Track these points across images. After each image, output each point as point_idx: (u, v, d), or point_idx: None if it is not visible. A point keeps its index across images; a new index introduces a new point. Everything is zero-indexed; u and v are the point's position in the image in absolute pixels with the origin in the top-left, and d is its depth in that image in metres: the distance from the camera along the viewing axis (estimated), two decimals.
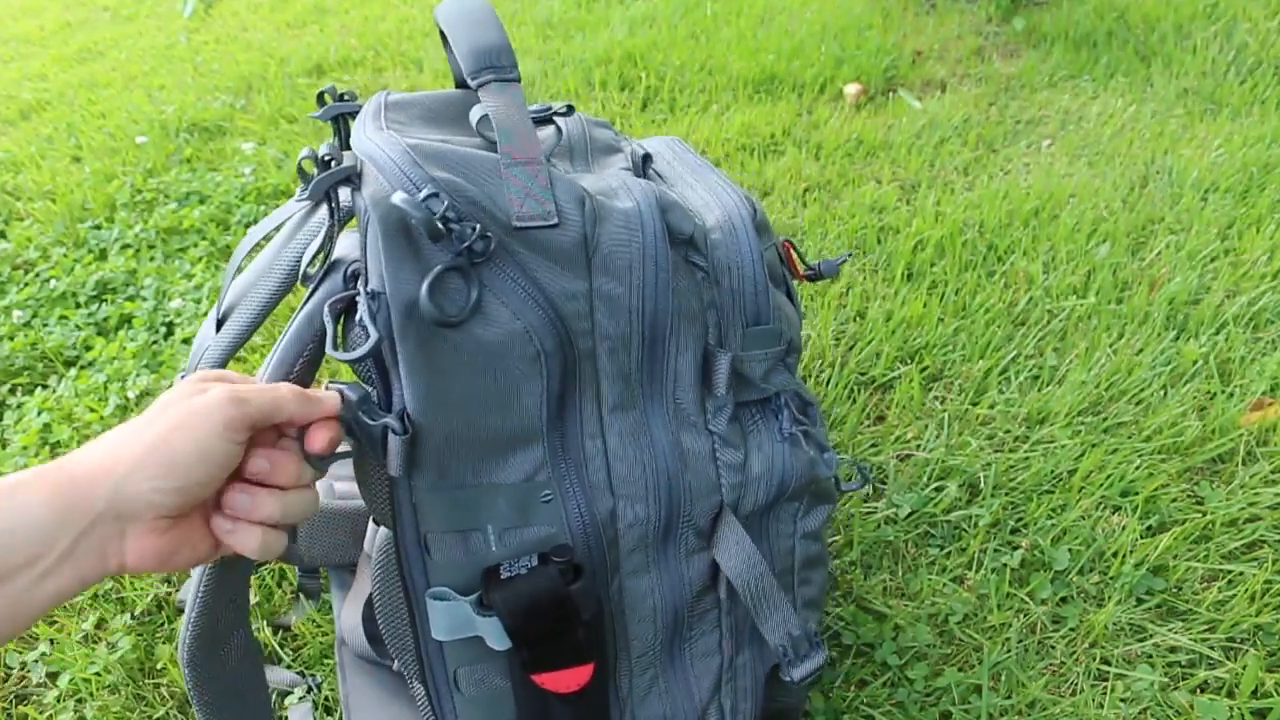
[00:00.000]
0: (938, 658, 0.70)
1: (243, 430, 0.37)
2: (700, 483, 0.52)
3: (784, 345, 0.54)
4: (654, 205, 0.48)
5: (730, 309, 0.51)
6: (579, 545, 0.49)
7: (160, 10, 2.84)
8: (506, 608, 0.46)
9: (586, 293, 0.46)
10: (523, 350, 0.45)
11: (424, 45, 2.11)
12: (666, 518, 0.52)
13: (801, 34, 1.85)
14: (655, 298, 0.48)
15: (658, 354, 0.50)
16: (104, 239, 1.41)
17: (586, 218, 0.46)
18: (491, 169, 0.45)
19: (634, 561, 0.52)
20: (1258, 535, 0.76)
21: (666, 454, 0.51)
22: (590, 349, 0.47)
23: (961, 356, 0.98)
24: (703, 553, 0.55)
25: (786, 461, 0.55)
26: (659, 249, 0.47)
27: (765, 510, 0.57)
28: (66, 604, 0.81)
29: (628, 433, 0.50)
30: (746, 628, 0.59)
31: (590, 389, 0.48)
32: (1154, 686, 0.66)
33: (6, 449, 1.01)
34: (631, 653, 0.55)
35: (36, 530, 0.34)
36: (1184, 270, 1.07)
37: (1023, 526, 0.79)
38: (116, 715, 0.71)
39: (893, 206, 1.25)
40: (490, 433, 0.46)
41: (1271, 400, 0.88)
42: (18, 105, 2.08)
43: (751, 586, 0.53)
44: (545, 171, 0.45)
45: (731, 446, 0.53)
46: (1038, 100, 1.55)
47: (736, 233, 0.51)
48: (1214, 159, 1.29)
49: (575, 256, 0.46)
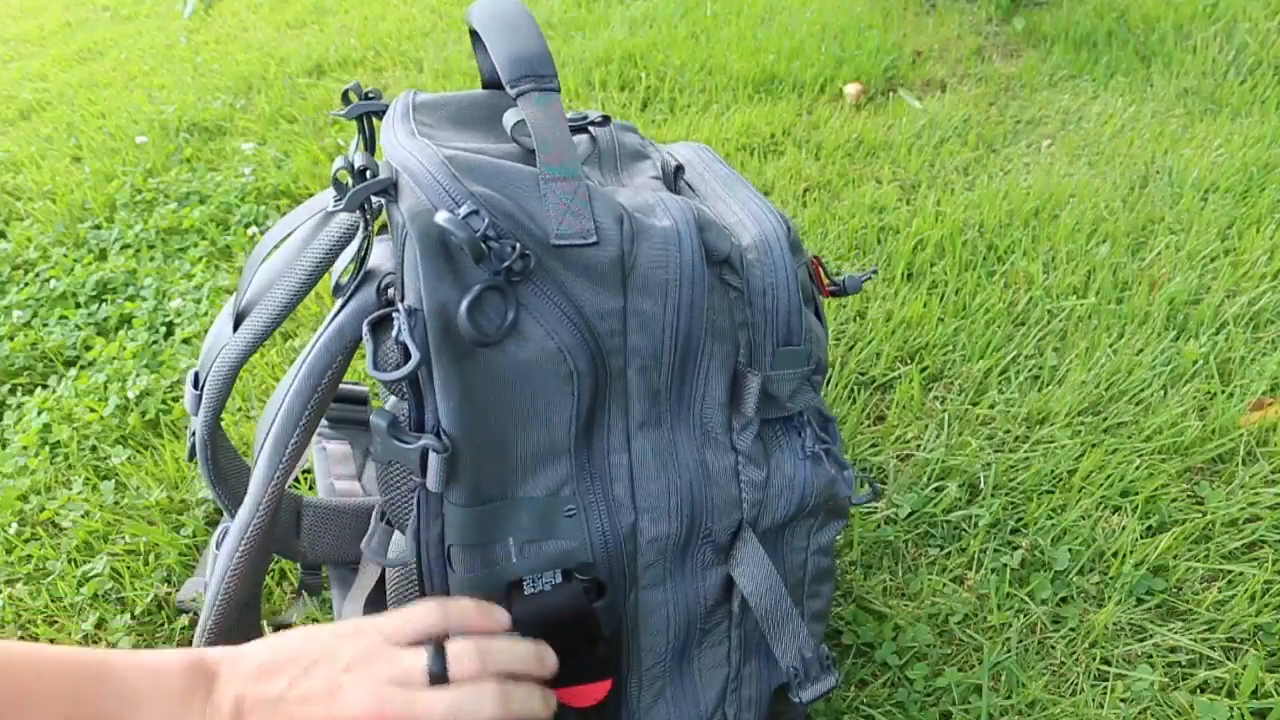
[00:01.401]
0: (938, 658, 0.70)
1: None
2: (722, 500, 0.52)
3: (812, 365, 0.53)
4: (692, 224, 0.47)
5: (763, 330, 0.50)
6: (600, 560, 0.48)
7: (160, 10, 2.84)
8: (531, 623, 0.46)
9: (621, 311, 0.46)
10: (555, 369, 0.44)
11: (424, 45, 2.11)
12: (687, 534, 0.52)
13: (801, 34, 1.85)
14: (690, 317, 0.47)
15: (688, 372, 0.49)
16: (104, 239, 1.41)
17: (625, 236, 0.45)
18: (530, 184, 0.44)
19: (651, 575, 0.52)
20: (1258, 535, 0.76)
21: (691, 472, 0.50)
22: (621, 367, 0.47)
23: (961, 356, 0.98)
24: (719, 567, 0.54)
25: (808, 479, 0.54)
26: (696, 269, 0.47)
27: (782, 526, 0.56)
28: (66, 604, 0.81)
29: (653, 450, 0.49)
30: (755, 640, 0.59)
31: (619, 405, 0.48)
32: (1154, 687, 0.66)
33: (6, 449, 1.01)
34: (643, 664, 0.55)
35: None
36: (1184, 270, 1.07)
37: (1023, 526, 0.79)
38: None
39: (893, 206, 1.25)
40: (520, 449, 0.46)
41: (1272, 400, 0.88)
42: (18, 105, 2.09)
43: (768, 606, 0.53)
44: (585, 187, 0.45)
45: (755, 464, 0.53)
46: (1038, 100, 1.55)
47: (773, 253, 0.50)
48: (1214, 159, 1.29)
49: (612, 275, 0.45)
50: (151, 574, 0.82)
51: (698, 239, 0.47)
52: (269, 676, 0.40)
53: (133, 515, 0.89)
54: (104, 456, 0.98)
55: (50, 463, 0.97)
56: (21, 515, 0.91)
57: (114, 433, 1.01)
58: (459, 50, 2.02)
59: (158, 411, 1.02)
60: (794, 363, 0.52)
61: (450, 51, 2.03)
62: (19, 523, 0.90)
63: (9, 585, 0.83)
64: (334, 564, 0.77)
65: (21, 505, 0.92)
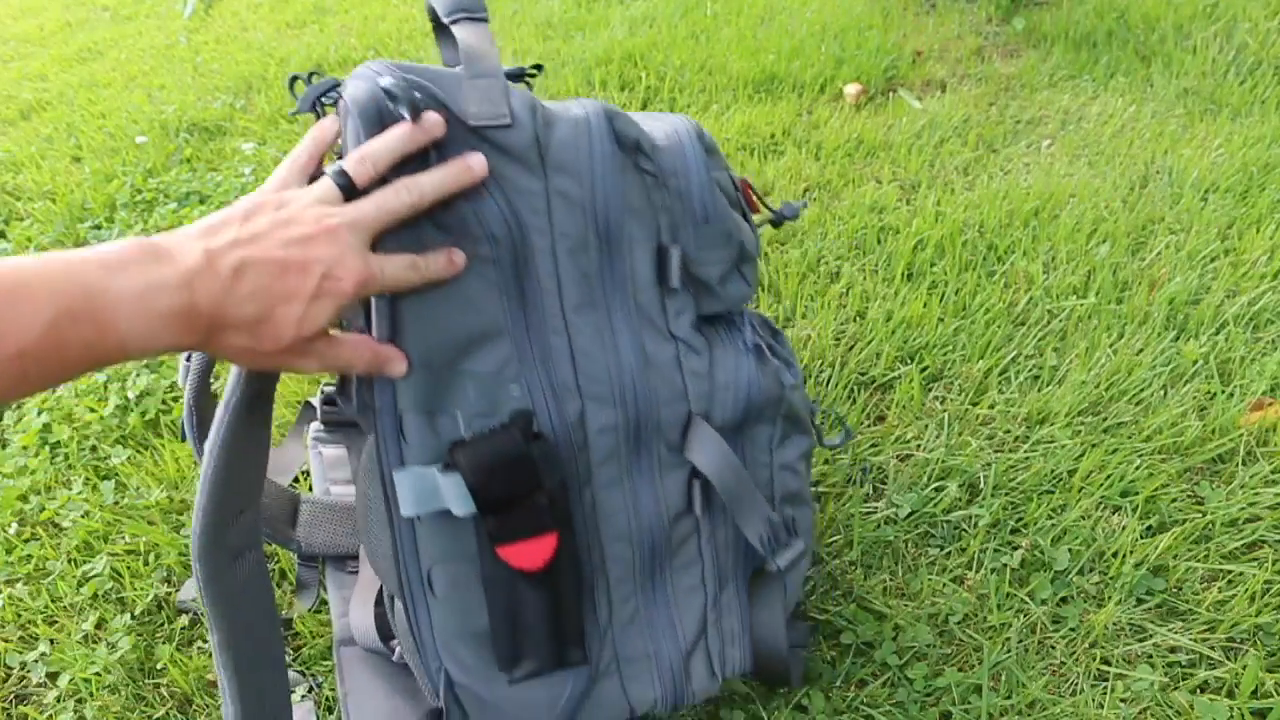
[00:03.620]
0: (938, 658, 0.70)
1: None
2: (666, 388, 0.55)
3: (736, 248, 0.56)
4: (600, 113, 0.53)
5: (680, 209, 0.55)
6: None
7: (160, 10, 2.84)
8: (468, 464, 0.48)
9: (544, 191, 0.51)
10: (472, 234, 0.49)
11: (424, 45, 2.11)
12: (635, 423, 0.54)
13: (801, 34, 1.85)
14: (606, 194, 0.52)
15: (615, 255, 0.53)
16: (104, 239, 1.41)
17: (538, 121, 0.51)
18: (456, 81, 0.50)
19: (607, 473, 0.54)
20: (1258, 535, 0.76)
21: (632, 355, 0.54)
22: (549, 247, 0.51)
23: (961, 356, 0.98)
24: (678, 470, 0.57)
25: (751, 374, 0.57)
26: (606, 147, 0.52)
27: (737, 429, 0.59)
28: (66, 604, 0.81)
29: (592, 330, 0.53)
30: (729, 561, 0.61)
31: (552, 286, 0.52)
32: (1154, 686, 0.66)
33: (6, 449, 1.01)
34: (610, 575, 0.56)
35: None
36: (1184, 270, 1.07)
37: (1023, 526, 0.79)
38: (116, 715, 0.71)
39: (893, 206, 1.25)
40: (458, 328, 0.49)
41: (1272, 400, 0.88)
42: (18, 105, 2.09)
43: (728, 480, 0.56)
44: (502, 83, 0.51)
45: (695, 352, 0.56)
46: (1038, 100, 1.55)
47: (681, 141, 0.56)
48: (1214, 159, 1.29)
49: (529, 155, 0.51)
50: (151, 574, 0.82)
51: (606, 124, 0.52)
52: (217, 231, 0.42)
53: (133, 515, 0.89)
54: (104, 456, 0.98)
55: (50, 463, 0.97)
56: (21, 515, 0.91)
57: (114, 433, 1.01)
58: None
59: (158, 411, 1.02)
60: (716, 241, 0.56)
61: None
62: (19, 523, 0.90)
63: (9, 585, 0.83)
64: (330, 558, 0.77)
65: (21, 505, 0.92)
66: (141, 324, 0.38)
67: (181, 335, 0.40)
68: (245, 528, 0.53)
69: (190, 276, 0.39)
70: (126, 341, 0.38)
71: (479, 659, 0.53)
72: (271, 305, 0.42)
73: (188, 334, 0.40)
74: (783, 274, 1.12)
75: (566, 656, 0.54)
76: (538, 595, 0.51)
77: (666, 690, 0.59)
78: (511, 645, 0.52)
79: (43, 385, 0.37)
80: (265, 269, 0.41)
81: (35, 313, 0.35)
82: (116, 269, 0.38)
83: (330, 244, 0.43)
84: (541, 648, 0.52)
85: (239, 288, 0.41)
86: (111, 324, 0.37)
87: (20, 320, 0.35)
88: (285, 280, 0.42)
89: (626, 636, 0.58)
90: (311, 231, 0.43)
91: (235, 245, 0.41)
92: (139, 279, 0.38)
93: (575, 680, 0.55)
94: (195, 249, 0.41)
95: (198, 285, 0.40)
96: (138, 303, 0.38)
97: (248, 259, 0.41)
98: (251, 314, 0.41)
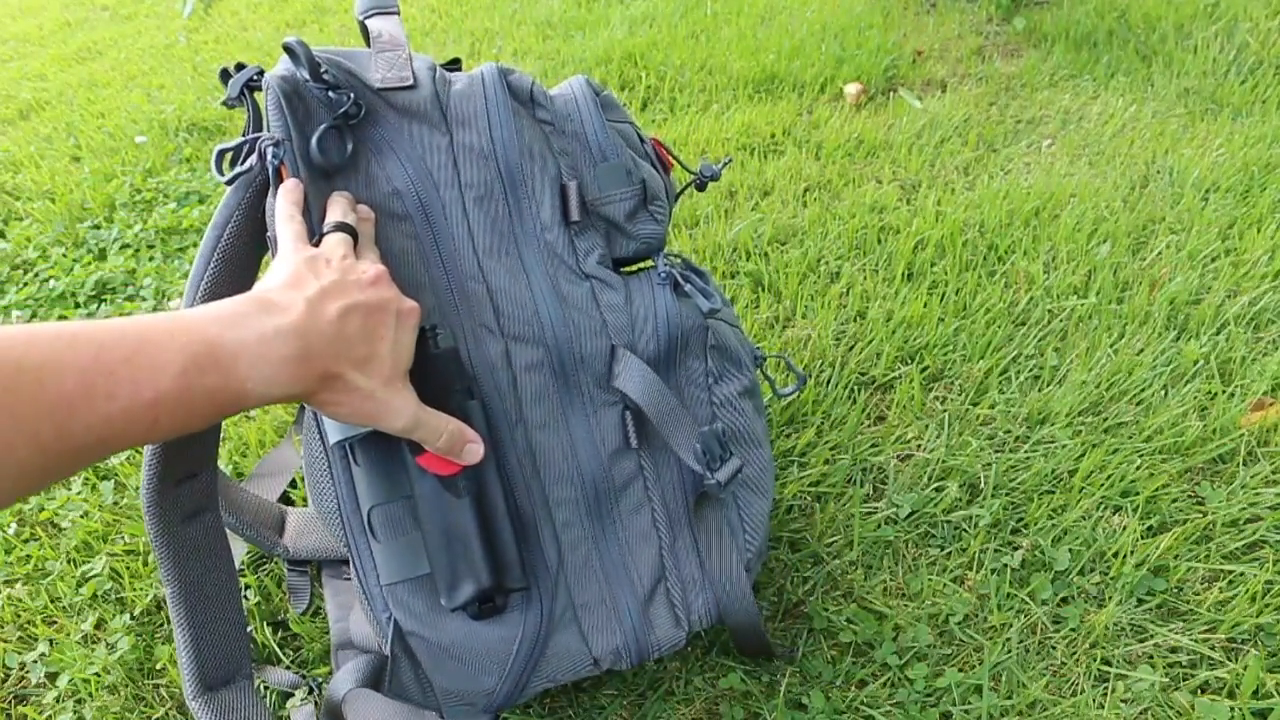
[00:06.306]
0: (938, 658, 0.70)
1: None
2: (585, 321, 0.58)
3: (639, 184, 0.60)
4: (494, 70, 0.59)
5: (578, 150, 0.60)
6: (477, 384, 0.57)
7: (159, 10, 2.83)
8: None
9: (449, 146, 0.57)
10: (384, 194, 0.55)
11: (423, 45, 2.10)
12: (559, 359, 0.58)
13: (802, 34, 1.85)
14: (505, 141, 0.57)
15: (521, 199, 0.58)
16: (103, 239, 1.41)
17: (438, 81, 0.58)
18: (366, 55, 0.58)
19: (539, 414, 0.58)
20: (1258, 536, 0.76)
21: (545, 292, 0.57)
22: (458, 198, 0.57)
23: (962, 356, 0.98)
24: (611, 408, 0.59)
25: (669, 302, 0.60)
26: (501, 99, 0.58)
27: (666, 362, 0.61)
28: (66, 604, 0.81)
29: (505, 274, 0.57)
30: (680, 505, 0.62)
31: (464, 234, 0.57)
32: (1155, 687, 0.66)
33: None
34: (555, 519, 0.58)
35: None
36: (1185, 270, 1.07)
37: (1023, 527, 0.79)
38: (116, 716, 0.71)
39: (893, 206, 1.25)
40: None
41: (1272, 400, 0.88)
42: (17, 105, 2.08)
43: (654, 400, 0.58)
44: (405, 53, 0.58)
45: (610, 288, 0.59)
46: (1038, 100, 1.55)
47: (574, 90, 0.61)
48: (1215, 159, 1.29)
49: (432, 112, 0.57)
50: (151, 574, 0.82)
51: (499, 78, 0.58)
52: (302, 283, 0.46)
53: (132, 515, 0.89)
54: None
55: None
56: (21, 515, 0.91)
57: None
58: (458, 50, 2.02)
59: None
60: (616, 179, 0.60)
61: (450, 51, 2.03)
62: (18, 523, 0.90)
63: (8, 585, 0.83)
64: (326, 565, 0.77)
65: (21, 505, 0.92)
66: (261, 371, 0.41)
67: (296, 381, 0.43)
68: (199, 490, 0.57)
69: (301, 324, 0.43)
70: (246, 388, 0.41)
71: (425, 603, 0.55)
72: (373, 343, 0.46)
73: (302, 380, 0.43)
74: (783, 274, 1.12)
75: (506, 577, 0.55)
76: (464, 506, 0.53)
77: (628, 638, 0.59)
78: (449, 570, 0.53)
79: (170, 434, 0.39)
80: (361, 311, 0.46)
81: (168, 363, 0.38)
82: (234, 323, 0.41)
83: (388, 285, 0.49)
84: (476, 564, 0.53)
85: (346, 329, 0.45)
86: (234, 371, 0.40)
87: (154, 370, 0.37)
88: (377, 318, 0.47)
89: (581, 582, 0.59)
90: (371, 276, 0.48)
91: (326, 294, 0.45)
92: (256, 329, 0.41)
93: (527, 621, 0.56)
94: (294, 299, 0.44)
95: (309, 331, 0.43)
96: (258, 350, 0.41)
97: (347, 305, 0.45)
98: (362, 353, 0.46)
